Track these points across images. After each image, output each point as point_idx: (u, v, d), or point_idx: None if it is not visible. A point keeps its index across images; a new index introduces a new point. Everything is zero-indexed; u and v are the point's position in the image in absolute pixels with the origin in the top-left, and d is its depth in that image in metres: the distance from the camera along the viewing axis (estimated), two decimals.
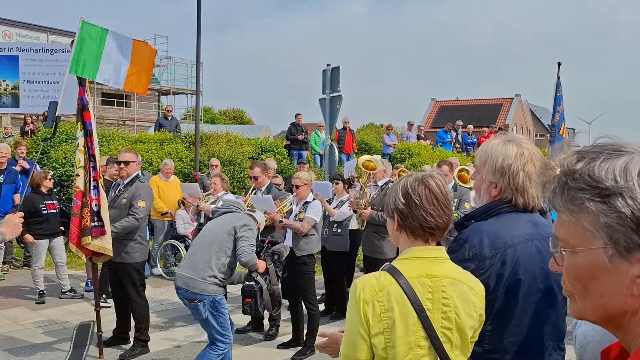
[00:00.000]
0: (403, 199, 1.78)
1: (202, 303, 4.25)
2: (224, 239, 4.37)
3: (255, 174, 6.11)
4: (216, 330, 4.35)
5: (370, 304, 1.67)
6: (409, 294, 1.68)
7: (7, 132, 12.12)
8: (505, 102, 42.76)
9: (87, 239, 4.94)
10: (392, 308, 1.67)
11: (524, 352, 1.99)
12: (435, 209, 1.76)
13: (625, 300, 0.78)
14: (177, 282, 4.37)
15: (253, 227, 4.54)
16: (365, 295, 1.68)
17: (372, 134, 21.73)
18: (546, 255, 1.99)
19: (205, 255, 4.33)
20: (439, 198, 1.77)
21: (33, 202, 7.03)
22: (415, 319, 1.68)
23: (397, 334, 1.66)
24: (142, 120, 26.02)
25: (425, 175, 1.83)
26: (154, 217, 8.53)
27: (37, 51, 17.02)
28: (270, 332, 6.04)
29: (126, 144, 11.86)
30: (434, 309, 1.70)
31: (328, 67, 10.44)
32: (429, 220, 1.75)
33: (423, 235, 1.78)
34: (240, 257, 4.38)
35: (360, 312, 1.67)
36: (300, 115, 14.73)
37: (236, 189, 11.02)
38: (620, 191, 0.76)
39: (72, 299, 7.23)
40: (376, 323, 1.66)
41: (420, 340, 1.68)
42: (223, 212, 4.66)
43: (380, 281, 1.70)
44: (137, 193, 5.35)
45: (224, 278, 4.41)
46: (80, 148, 5.06)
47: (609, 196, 0.77)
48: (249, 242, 4.39)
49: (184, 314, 6.86)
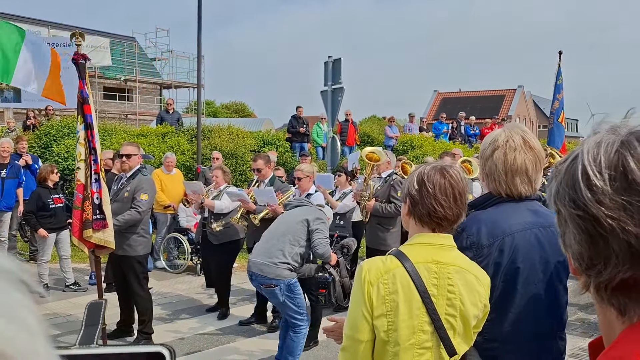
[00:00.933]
0: (417, 185, 1.78)
1: (278, 287, 4.48)
2: (297, 230, 4.60)
3: (258, 166, 6.11)
4: (294, 311, 4.57)
5: (375, 286, 1.68)
6: (414, 278, 1.69)
7: (9, 127, 12.13)
8: (507, 94, 42.62)
9: (89, 232, 4.94)
10: (396, 291, 1.68)
11: (525, 341, 1.99)
12: (446, 199, 1.76)
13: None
14: (252, 269, 4.56)
15: (326, 221, 4.76)
16: (371, 277, 1.69)
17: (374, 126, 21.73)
18: (546, 244, 1.99)
19: (279, 244, 4.55)
20: (453, 190, 1.77)
21: (41, 197, 7.05)
22: (420, 304, 1.68)
23: (400, 317, 1.67)
24: (144, 114, 26.03)
25: (446, 165, 1.83)
26: (157, 210, 8.54)
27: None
28: (274, 324, 6.06)
29: (128, 138, 11.85)
30: (439, 295, 1.71)
31: (330, 59, 10.40)
32: (437, 210, 1.75)
33: (430, 223, 1.78)
34: (316, 248, 4.59)
35: (364, 294, 1.69)
36: (301, 107, 14.70)
37: (238, 182, 11.02)
38: (552, 175, 0.77)
39: (75, 292, 7.26)
40: (379, 305, 1.68)
41: (423, 324, 1.69)
42: (295, 206, 4.89)
43: (387, 264, 1.72)
44: (139, 186, 5.35)
45: (296, 267, 4.62)
46: (81, 141, 5.06)
47: (551, 178, 0.78)
48: (324, 234, 4.63)
49: (187, 306, 6.89)
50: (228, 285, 6.63)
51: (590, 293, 0.75)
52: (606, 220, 0.67)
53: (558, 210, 0.74)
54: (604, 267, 0.69)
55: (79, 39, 5.04)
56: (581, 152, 0.71)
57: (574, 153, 0.74)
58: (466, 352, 1.78)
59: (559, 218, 0.75)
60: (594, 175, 0.68)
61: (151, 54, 29.35)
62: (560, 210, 0.73)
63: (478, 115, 24.67)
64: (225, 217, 6.24)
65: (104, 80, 24.94)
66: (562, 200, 0.72)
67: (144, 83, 27.46)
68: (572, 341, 5.71)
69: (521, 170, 1.97)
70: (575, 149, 0.75)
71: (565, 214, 0.72)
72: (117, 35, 27.59)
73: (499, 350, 1.97)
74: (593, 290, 0.73)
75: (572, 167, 0.71)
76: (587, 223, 0.69)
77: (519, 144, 1.97)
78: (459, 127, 17.82)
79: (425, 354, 1.70)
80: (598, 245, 0.69)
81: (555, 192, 0.74)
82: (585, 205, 0.68)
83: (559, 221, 0.75)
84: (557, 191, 0.73)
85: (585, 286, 0.75)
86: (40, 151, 11.05)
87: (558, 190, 0.73)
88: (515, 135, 1.99)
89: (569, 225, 0.72)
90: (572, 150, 0.75)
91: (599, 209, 0.67)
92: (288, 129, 14.79)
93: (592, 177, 0.68)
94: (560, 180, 0.73)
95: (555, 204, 0.74)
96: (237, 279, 7.62)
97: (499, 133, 2.04)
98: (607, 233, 0.67)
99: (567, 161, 0.74)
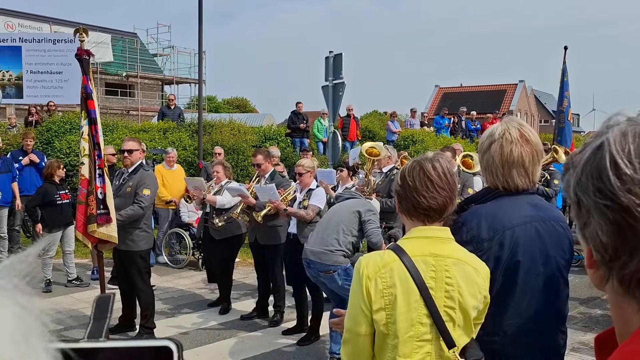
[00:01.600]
0: (400, 181, 1.84)
1: (336, 272, 4.65)
2: (350, 220, 4.78)
3: (258, 161, 6.12)
4: None
5: (373, 280, 1.70)
6: (411, 271, 1.70)
7: (11, 123, 12.15)
8: (509, 88, 42.52)
9: (93, 227, 4.97)
10: (394, 284, 1.69)
11: (525, 334, 1.99)
12: (427, 190, 1.78)
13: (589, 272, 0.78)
14: (309, 257, 4.73)
15: (376, 212, 4.98)
16: (369, 271, 1.72)
17: (375, 121, 21.70)
18: (546, 238, 1.99)
19: (333, 234, 4.72)
20: (432, 180, 1.79)
21: (47, 192, 7.07)
22: (418, 297, 1.70)
23: (398, 310, 1.68)
24: (145, 110, 26.03)
25: (425, 158, 1.86)
26: (159, 205, 8.56)
27: (39, 41, 16.99)
28: (275, 319, 6.08)
29: (130, 134, 11.86)
30: (437, 287, 1.72)
31: (331, 54, 10.39)
32: (421, 201, 1.78)
33: (418, 215, 1.82)
34: (370, 237, 4.78)
35: (362, 288, 1.71)
36: (301, 103, 14.66)
37: (240, 177, 11.03)
38: (570, 167, 0.76)
39: (78, 287, 7.29)
40: (378, 299, 1.69)
41: (422, 317, 1.70)
42: (346, 198, 5.07)
43: (384, 258, 1.74)
44: (141, 181, 5.37)
45: (349, 254, 4.79)
46: (84, 136, 5.08)
47: (566, 171, 0.77)
48: (376, 224, 4.82)
49: (189, 301, 6.92)
50: (230, 280, 6.65)
51: (607, 288, 0.74)
52: (637, 209, 0.66)
53: (578, 201, 0.73)
54: (630, 258, 0.68)
55: (83, 35, 5.05)
56: (607, 141, 0.70)
57: (593, 144, 0.73)
58: (466, 344, 1.79)
59: (579, 210, 0.73)
60: (624, 164, 0.68)
61: (153, 50, 29.33)
62: (582, 201, 0.72)
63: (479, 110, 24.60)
64: (227, 213, 6.25)
65: (105, 76, 24.91)
66: (585, 190, 0.71)
67: (146, 79, 27.45)
68: (573, 335, 5.73)
69: (517, 162, 1.97)
70: (590, 141, 0.74)
71: (589, 205, 0.71)
72: (119, 31, 27.57)
73: (499, 343, 1.97)
74: (616, 283, 0.72)
75: (597, 157, 0.70)
76: (615, 213, 0.68)
77: (516, 137, 1.98)
78: (460, 122, 17.79)
79: (424, 346, 1.72)
80: (625, 236, 0.68)
81: (575, 183, 0.72)
82: (614, 195, 0.68)
83: (579, 213, 0.74)
84: (578, 181, 0.72)
85: (603, 279, 0.74)
86: (42, 147, 11.06)
87: (579, 181, 0.72)
88: (512, 128, 2.00)
89: (594, 216, 0.71)
90: (587, 142, 0.74)
91: (630, 199, 0.67)
92: (288, 125, 14.77)
93: (621, 166, 0.68)
94: (580, 171, 0.72)
95: (576, 195, 0.73)
96: (238, 274, 7.65)
97: (496, 127, 2.05)
98: (637, 223, 0.67)
99: (585, 152, 0.73)
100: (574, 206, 0.75)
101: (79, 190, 5.16)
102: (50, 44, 16.87)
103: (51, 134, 11.46)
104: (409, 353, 1.70)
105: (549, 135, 14.82)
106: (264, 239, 5.98)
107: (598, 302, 6.97)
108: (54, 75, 16.59)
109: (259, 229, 5.96)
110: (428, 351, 1.72)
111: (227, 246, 6.46)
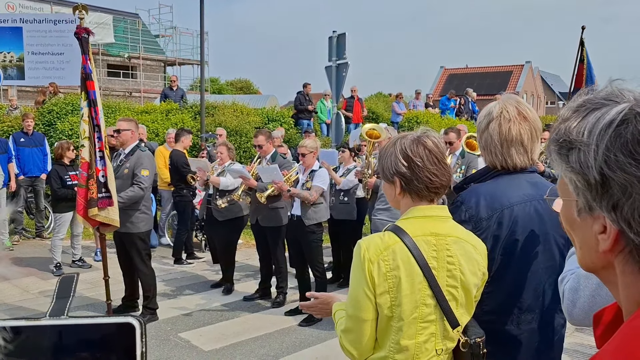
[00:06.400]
0: (405, 162, 1.75)
1: None
2: None
3: (259, 142, 6.07)
4: None
5: (376, 263, 1.66)
6: (414, 252, 1.67)
7: (12, 105, 12.09)
8: (515, 69, 42.13)
9: (94, 211, 4.93)
10: (397, 267, 1.66)
11: (524, 313, 1.99)
12: (437, 168, 1.75)
13: (596, 255, 0.76)
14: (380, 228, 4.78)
15: None
16: (370, 254, 1.67)
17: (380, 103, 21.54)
18: (545, 217, 1.97)
19: None
20: (438, 157, 1.76)
21: (58, 174, 7.05)
22: (421, 277, 1.67)
23: (402, 292, 1.65)
24: (148, 92, 25.92)
25: (420, 135, 1.80)
26: (161, 187, 8.54)
27: (40, 22, 16.86)
28: (278, 300, 6.09)
29: (132, 115, 11.80)
30: (439, 267, 1.70)
31: (334, 34, 10.28)
32: (434, 180, 1.74)
33: (428, 195, 1.77)
34: None
35: (365, 272, 1.66)
36: (309, 85, 14.52)
37: (242, 159, 11.00)
38: (578, 145, 0.73)
39: (80, 267, 7.31)
40: (382, 282, 1.66)
41: (426, 298, 1.68)
42: None
43: (385, 240, 1.69)
44: (139, 162, 5.32)
45: None
46: (84, 118, 5.00)
47: (570, 150, 0.74)
48: None
49: (192, 282, 6.94)
50: (233, 262, 6.66)
51: (621, 270, 0.73)
52: None
53: (606, 180, 0.70)
54: None
55: (82, 12, 4.95)
56: (634, 117, 0.69)
57: (602, 119, 0.71)
58: (467, 322, 1.78)
59: (606, 190, 0.71)
60: None
61: (155, 31, 29.11)
62: (614, 179, 0.69)
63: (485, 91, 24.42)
64: (229, 194, 6.23)
65: (107, 57, 24.76)
66: (622, 167, 0.68)
67: (148, 60, 27.27)
68: None
69: (516, 140, 1.96)
70: (608, 116, 0.71)
71: (628, 181, 0.69)
72: (120, 12, 27.32)
73: (498, 322, 1.96)
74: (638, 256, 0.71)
75: (628, 130, 0.69)
76: None
77: (514, 115, 1.96)
78: (466, 104, 17.64)
79: (429, 327, 1.70)
80: None
81: (602, 161, 0.70)
82: None
83: (606, 193, 0.71)
84: (606, 159, 0.69)
85: (622, 262, 0.73)
86: (44, 129, 11.03)
87: (608, 158, 0.69)
88: (509, 106, 1.98)
89: (633, 191, 0.69)
90: (602, 118, 0.71)
91: None
92: (295, 106, 14.63)
93: None
94: (605, 148, 0.70)
95: (602, 175, 0.70)
96: (241, 255, 7.66)
97: (493, 105, 2.03)
98: None
99: (607, 128, 0.70)
100: (595, 187, 0.72)
101: (80, 174, 5.12)
102: (51, 24, 16.74)
103: (53, 116, 11.42)
104: (413, 334, 1.68)
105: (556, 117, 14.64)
106: (266, 221, 5.96)
107: None
108: (55, 57, 16.48)
109: (261, 211, 5.94)
110: (432, 332, 1.70)
111: (230, 228, 6.45)
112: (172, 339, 5.10)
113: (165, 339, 5.08)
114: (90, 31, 5.02)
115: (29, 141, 8.86)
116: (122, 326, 0.68)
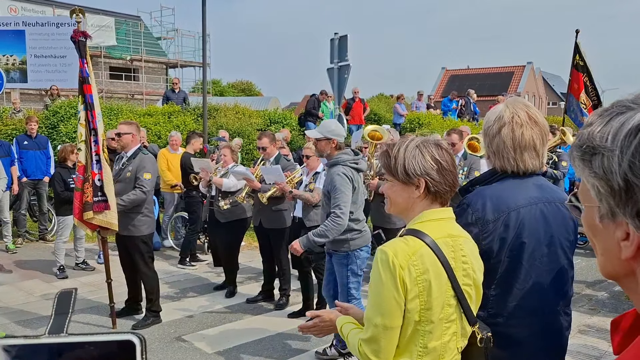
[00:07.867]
0: (434, 164, 1.76)
1: None
2: None
3: (263, 144, 6.07)
4: None
5: (406, 269, 1.66)
6: (438, 254, 1.70)
7: (15, 107, 12.12)
8: (517, 70, 42.14)
9: (89, 214, 4.93)
10: (427, 270, 1.68)
11: (529, 316, 1.98)
12: (454, 171, 1.82)
13: (618, 262, 0.75)
14: None
15: None
16: (400, 260, 1.67)
17: (381, 104, 21.55)
18: (551, 219, 1.98)
19: None
20: (454, 161, 1.84)
21: (61, 176, 7.08)
22: (446, 279, 1.70)
23: (433, 295, 1.68)
24: (150, 94, 25.98)
25: (436, 140, 1.84)
26: (164, 189, 8.55)
27: (43, 25, 16.91)
28: (281, 302, 6.09)
29: (134, 118, 11.84)
30: (457, 267, 1.73)
31: (336, 36, 10.29)
32: (455, 182, 1.81)
33: (446, 197, 1.82)
34: None
35: (396, 279, 1.65)
36: (326, 93, 14.28)
37: (245, 160, 11.00)
38: (602, 151, 0.72)
39: (83, 270, 7.32)
40: (413, 287, 1.67)
41: (450, 299, 1.71)
42: None
43: (411, 245, 1.70)
44: (141, 165, 5.32)
45: None
46: (81, 122, 5.02)
47: (593, 155, 0.74)
48: None
49: (195, 284, 6.94)
50: (235, 264, 6.66)
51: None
52: None
53: (632, 184, 0.69)
54: None
55: (79, 16, 4.97)
56: None
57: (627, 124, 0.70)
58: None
59: (631, 196, 0.70)
60: None
61: (157, 33, 29.17)
62: (637, 184, 0.69)
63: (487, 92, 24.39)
64: (232, 195, 6.24)
65: (109, 60, 24.83)
66: None
67: (150, 62, 27.33)
68: (579, 318, 5.72)
69: (529, 145, 1.96)
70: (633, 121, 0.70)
71: None
72: (122, 14, 27.39)
73: (503, 325, 1.97)
74: None
75: None
76: None
77: (525, 120, 1.97)
78: (467, 105, 17.64)
79: (451, 327, 1.73)
80: None
81: (627, 168, 0.69)
82: None
83: (630, 200, 0.70)
84: (632, 164, 0.69)
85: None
86: (48, 131, 11.06)
87: (633, 163, 0.68)
88: (520, 111, 1.98)
89: None
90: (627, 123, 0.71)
91: None
92: (307, 108, 14.54)
93: None
94: (632, 155, 0.69)
95: (626, 181, 0.69)
96: (244, 257, 7.66)
97: (503, 109, 2.01)
98: None
99: (632, 134, 0.69)
100: (618, 193, 0.71)
101: (76, 177, 5.13)
102: (54, 27, 16.79)
103: (57, 118, 11.45)
104: (439, 335, 1.71)
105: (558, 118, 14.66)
106: (269, 223, 5.96)
107: (605, 285, 6.95)
108: (57, 59, 16.53)
109: (264, 213, 5.94)
110: (454, 331, 1.74)
111: (232, 230, 6.45)
112: (175, 342, 5.10)
113: (168, 342, 5.09)
114: (87, 34, 5.02)
115: (32, 144, 8.87)
116: (123, 344, 0.68)
